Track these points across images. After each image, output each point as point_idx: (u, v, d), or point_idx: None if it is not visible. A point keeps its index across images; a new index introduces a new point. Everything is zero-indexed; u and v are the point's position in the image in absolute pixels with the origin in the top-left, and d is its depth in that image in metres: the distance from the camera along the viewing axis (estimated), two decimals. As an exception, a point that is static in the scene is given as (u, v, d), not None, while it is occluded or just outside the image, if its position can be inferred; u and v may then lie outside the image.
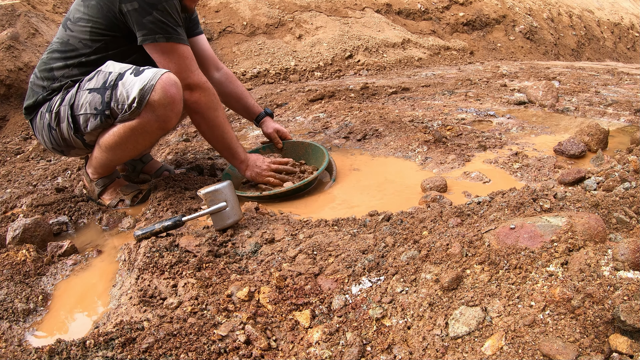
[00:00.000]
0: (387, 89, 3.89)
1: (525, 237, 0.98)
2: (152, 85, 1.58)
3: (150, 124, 1.64)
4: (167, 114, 1.63)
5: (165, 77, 1.60)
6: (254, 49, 5.28)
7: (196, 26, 2.06)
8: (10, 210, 1.99)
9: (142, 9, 1.59)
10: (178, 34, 1.67)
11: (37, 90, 1.80)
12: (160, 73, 1.60)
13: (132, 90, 1.59)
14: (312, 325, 1.07)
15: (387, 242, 1.28)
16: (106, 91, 1.63)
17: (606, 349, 0.78)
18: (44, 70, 1.77)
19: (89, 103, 1.66)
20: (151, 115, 1.62)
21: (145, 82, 1.58)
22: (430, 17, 6.87)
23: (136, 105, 1.59)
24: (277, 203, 1.90)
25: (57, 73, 1.75)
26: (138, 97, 1.58)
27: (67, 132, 1.75)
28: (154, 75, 1.59)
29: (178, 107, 1.66)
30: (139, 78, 1.60)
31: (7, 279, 1.40)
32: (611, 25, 8.89)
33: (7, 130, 3.44)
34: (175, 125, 2.13)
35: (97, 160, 1.83)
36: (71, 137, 1.76)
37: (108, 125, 1.69)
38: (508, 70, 4.88)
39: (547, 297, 0.86)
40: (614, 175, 1.46)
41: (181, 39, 1.69)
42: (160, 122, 1.65)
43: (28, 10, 4.12)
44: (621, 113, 2.84)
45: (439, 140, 2.31)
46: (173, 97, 1.61)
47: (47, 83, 1.77)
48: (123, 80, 1.61)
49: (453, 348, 0.88)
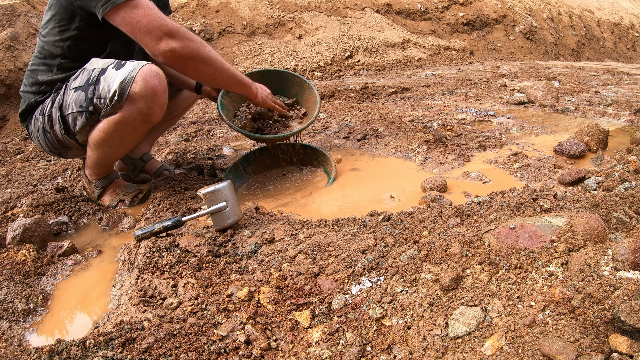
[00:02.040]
0: (387, 89, 3.89)
1: (525, 237, 0.98)
2: (132, 77, 1.54)
3: (133, 117, 1.60)
4: (150, 105, 1.58)
5: (146, 68, 1.56)
6: (254, 49, 5.28)
7: (165, 5, 1.98)
8: (10, 210, 1.99)
9: None
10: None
11: (28, 96, 1.82)
12: (140, 65, 1.57)
13: (113, 83, 1.56)
14: (312, 325, 1.07)
15: (387, 242, 1.28)
16: (89, 87, 1.62)
17: (606, 349, 0.78)
18: (30, 78, 1.80)
19: (74, 101, 1.66)
20: (133, 107, 1.57)
21: (125, 75, 1.55)
22: (430, 17, 6.87)
23: (117, 98, 1.55)
24: (277, 203, 1.90)
25: (42, 78, 1.77)
26: (119, 90, 1.54)
27: (60, 134, 1.76)
28: (135, 67, 1.56)
29: (161, 99, 1.60)
30: (120, 71, 1.57)
31: (7, 279, 1.40)
32: (611, 25, 8.89)
33: (7, 130, 3.44)
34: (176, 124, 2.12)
35: (90, 159, 1.84)
36: (65, 138, 1.77)
37: (94, 121, 1.68)
38: (508, 70, 4.88)
39: (547, 297, 0.86)
40: (614, 175, 1.46)
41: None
42: (142, 115, 1.60)
43: (28, 10, 4.12)
44: (621, 113, 2.84)
45: (439, 140, 2.31)
46: (154, 88, 1.56)
47: (35, 88, 1.79)
48: (105, 75, 1.60)
49: (453, 348, 0.88)
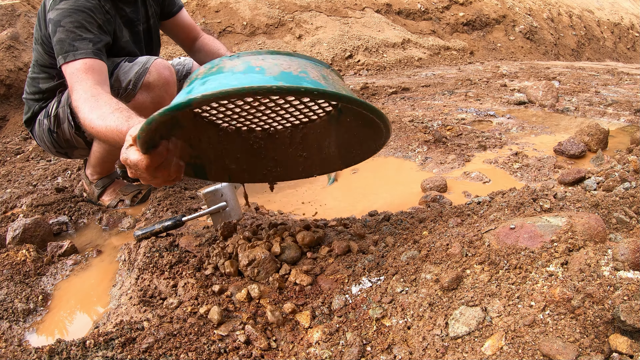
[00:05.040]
0: (387, 89, 3.89)
1: (525, 237, 0.98)
2: (146, 68, 1.65)
3: (145, 105, 1.67)
4: (161, 94, 1.68)
5: (158, 61, 1.68)
6: (254, 49, 5.28)
7: (173, 4, 2.00)
8: (10, 210, 1.99)
9: (52, 30, 1.52)
10: (75, 49, 1.46)
11: (32, 103, 1.85)
12: (153, 58, 1.68)
13: (129, 73, 1.64)
14: (312, 326, 1.07)
15: (387, 242, 1.28)
16: None
17: (606, 349, 0.78)
18: (32, 86, 1.82)
19: None
20: (146, 96, 1.67)
21: (140, 66, 1.65)
22: (430, 17, 6.87)
23: (131, 87, 1.64)
24: (277, 203, 1.90)
25: (43, 86, 1.79)
26: (134, 79, 1.64)
27: (69, 132, 1.77)
28: (148, 59, 1.68)
29: (172, 88, 1.71)
30: (134, 63, 1.66)
31: (7, 279, 1.40)
32: (611, 25, 8.89)
33: (7, 130, 3.44)
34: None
35: (95, 155, 1.85)
36: (73, 136, 1.78)
37: None
38: (508, 70, 4.88)
39: (547, 297, 0.86)
40: (614, 175, 1.46)
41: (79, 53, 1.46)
42: (155, 103, 1.68)
43: (28, 10, 4.12)
44: (621, 113, 2.84)
45: (439, 140, 2.31)
46: (167, 78, 1.68)
47: (38, 96, 1.82)
48: (118, 69, 1.66)
49: (453, 348, 0.88)
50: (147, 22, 1.88)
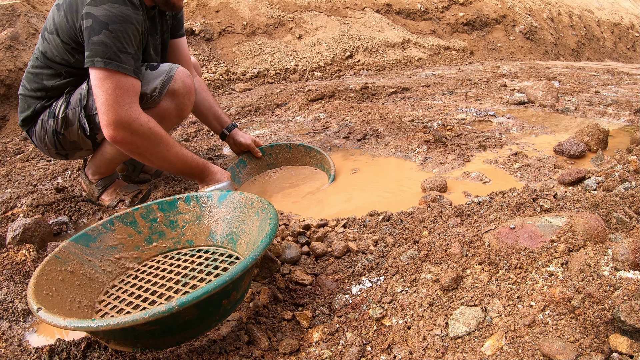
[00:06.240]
0: (387, 89, 3.89)
1: (525, 237, 0.98)
2: (171, 76, 1.70)
3: (169, 111, 1.73)
4: (184, 102, 1.76)
5: (181, 69, 1.74)
6: (254, 49, 5.28)
7: (180, 27, 2.03)
8: (10, 210, 1.99)
9: (93, 27, 1.48)
10: (120, 61, 1.50)
11: (32, 101, 1.77)
12: (175, 66, 1.73)
13: (153, 81, 1.68)
14: (312, 325, 1.07)
15: (387, 242, 1.28)
16: None
17: (606, 349, 0.78)
18: (33, 82, 1.74)
19: None
20: (170, 103, 1.72)
21: (164, 74, 1.70)
22: (430, 17, 6.88)
23: (157, 94, 1.68)
24: (276, 204, 1.90)
25: (48, 83, 1.72)
26: (160, 86, 1.68)
27: (78, 134, 1.74)
28: (171, 67, 1.72)
29: (192, 96, 1.80)
30: (156, 71, 1.70)
31: (7, 279, 1.40)
32: (611, 25, 8.89)
33: (7, 130, 3.44)
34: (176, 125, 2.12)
35: (106, 156, 1.83)
36: (81, 138, 1.76)
37: None
38: (508, 70, 4.88)
39: (547, 297, 0.86)
40: (614, 175, 1.46)
41: (123, 67, 1.51)
42: (178, 109, 1.75)
43: (28, 10, 4.12)
44: (621, 113, 2.84)
45: (439, 140, 2.31)
46: (190, 87, 1.76)
47: (41, 94, 1.75)
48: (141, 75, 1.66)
49: (453, 348, 0.88)
50: (162, 36, 1.90)
